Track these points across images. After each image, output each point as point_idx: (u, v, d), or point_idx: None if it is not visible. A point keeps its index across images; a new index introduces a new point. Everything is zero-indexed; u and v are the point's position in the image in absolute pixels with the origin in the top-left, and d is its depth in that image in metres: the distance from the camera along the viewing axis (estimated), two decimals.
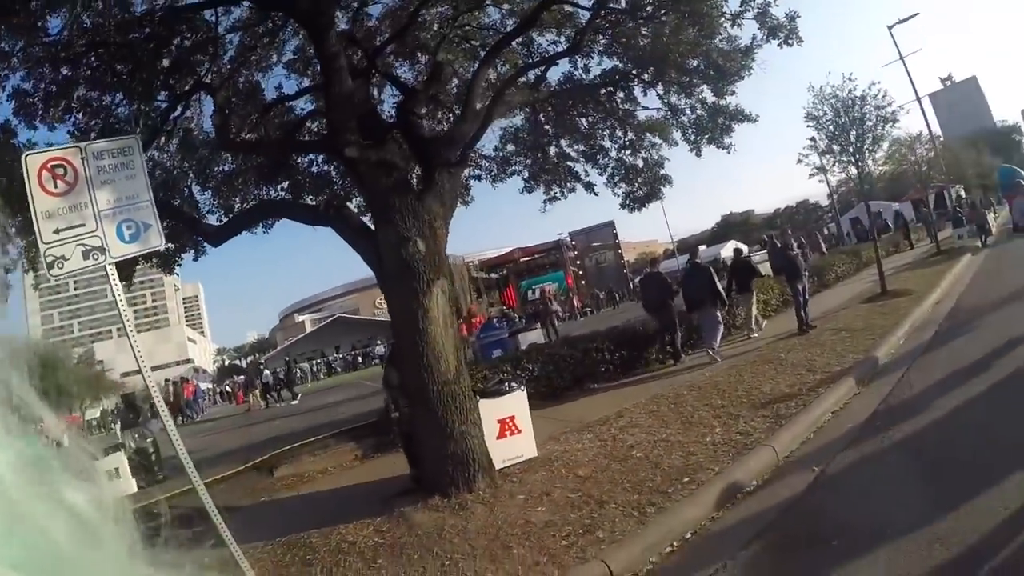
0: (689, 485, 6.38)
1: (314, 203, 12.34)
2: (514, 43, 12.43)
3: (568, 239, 63.27)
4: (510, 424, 8.43)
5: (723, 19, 10.87)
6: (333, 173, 13.02)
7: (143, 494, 12.56)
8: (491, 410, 8.38)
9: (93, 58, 10.00)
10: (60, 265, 5.14)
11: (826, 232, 58.97)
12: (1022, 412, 6.23)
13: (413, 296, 7.83)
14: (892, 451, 6.33)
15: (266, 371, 30.70)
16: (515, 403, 8.58)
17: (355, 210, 10.69)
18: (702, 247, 65.98)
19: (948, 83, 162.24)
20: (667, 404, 9.89)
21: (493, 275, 59.03)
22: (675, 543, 5.54)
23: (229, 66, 12.07)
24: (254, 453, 13.23)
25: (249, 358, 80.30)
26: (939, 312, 13.52)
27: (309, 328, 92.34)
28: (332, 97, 8.80)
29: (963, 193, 47.70)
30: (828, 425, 7.75)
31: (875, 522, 4.88)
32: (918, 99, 35.04)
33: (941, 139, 69.99)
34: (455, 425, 7.74)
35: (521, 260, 60.11)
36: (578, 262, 64.53)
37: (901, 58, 34.79)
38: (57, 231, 5.18)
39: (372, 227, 8.73)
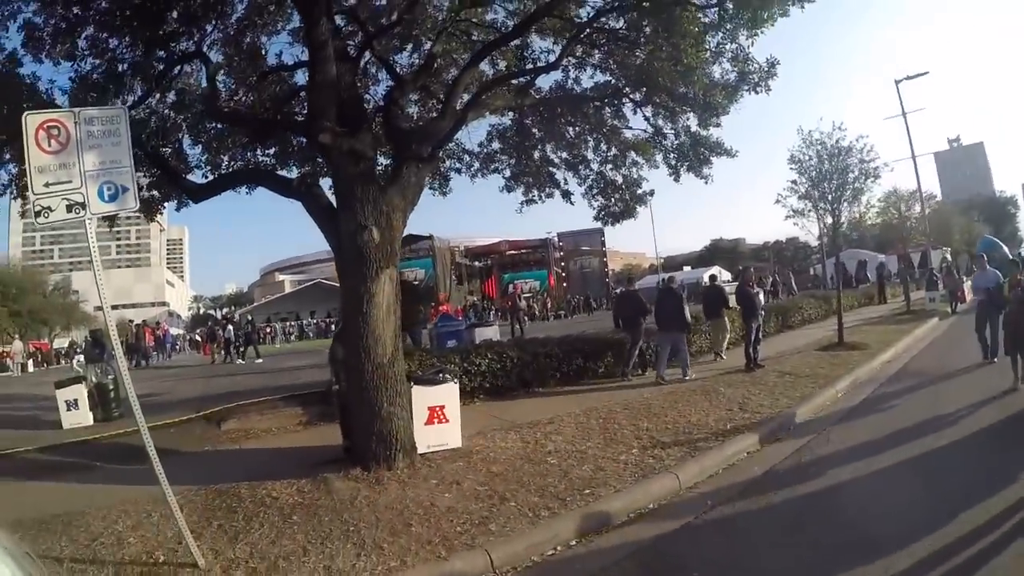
0: (588, 497, 6.70)
1: (291, 177, 12.57)
2: (512, 43, 12.68)
3: (556, 239, 63.67)
4: (439, 413, 8.79)
5: (705, 54, 11.08)
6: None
7: (98, 427, 13.06)
8: (423, 397, 8.77)
9: (103, 2, 10.31)
10: (46, 215, 5.72)
11: (812, 272, 59.50)
12: (913, 498, 6.40)
13: (362, 281, 8.23)
14: (782, 505, 6.57)
15: (229, 327, 30.92)
16: (446, 394, 8.94)
17: (328, 189, 10.92)
18: (686, 268, 66.55)
19: (956, 144, 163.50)
20: (597, 418, 10.23)
21: (478, 263, 59.45)
22: (558, 548, 5.87)
23: (235, 26, 12.33)
24: (208, 404, 13.59)
25: (224, 310, 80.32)
26: (885, 371, 13.79)
27: (288, 289, 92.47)
28: (315, 83, 9.15)
29: (949, 257, 48.08)
30: (738, 465, 8.00)
31: (740, 566, 5.24)
32: (913, 157, 35.47)
33: (937, 199, 70.64)
34: (384, 405, 8.20)
35: (507, 253, 60.57)
36: (563, 264, 64.95)
37: (903, 114, 35.11)
38: (47, 184, 5.73)
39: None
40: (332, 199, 9.54)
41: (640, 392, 12.29)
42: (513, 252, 60.71)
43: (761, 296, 16.65)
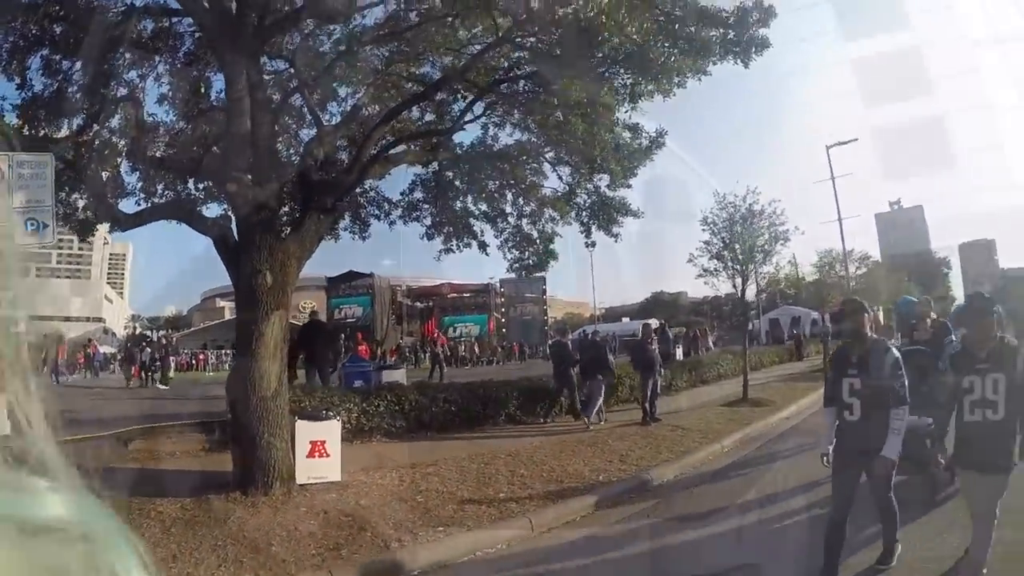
0: (439, 534, 7.26)
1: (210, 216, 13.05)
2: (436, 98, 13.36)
3: (498, 285, 64.07)
4: (320, 447, 9.27)
5: (587, 125, 11.85)
6: None
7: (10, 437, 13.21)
8: (306, 431, 9.26)
9: (58, 27, 10.96)
10: None
11: (751, 327, 60.66)
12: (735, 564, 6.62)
13: (254, 320, 8.80)
14: (602, 562, 7.03)
15: (147, 349, 30.97)
16: (328, 430, 9.44)
17: None
18: (625, 319, 67.46)
19: (896, 206, 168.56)
20: (479, 463, 10.62)
21: (419, 304, 59.52)
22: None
23: (182, 60, 12.87)
24: (121, 424, 13.81)
25: (160, 332, 78.88)
26: (778, 428, 14.35)
27: (228, 316, 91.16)
28: (230, 133, 9.71)
29: (881, 315, 49.19)
30: (594, 516, 8.50)
31: None
32: (839, 220, 36.70)
33: (873, 259, 72.52)
34: (264, 435, 8.75)
35: (449, 296, 60.56)
36: (503, 309, 65.19)
37: (832, 179, 36.40)
38: None
39: None
40: None
41: (530, 441, 12.69)
42: (455, 295, 60.71)
43: (679, 351, 17.31)
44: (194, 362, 55.75)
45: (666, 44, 9.56)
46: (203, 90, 13.51)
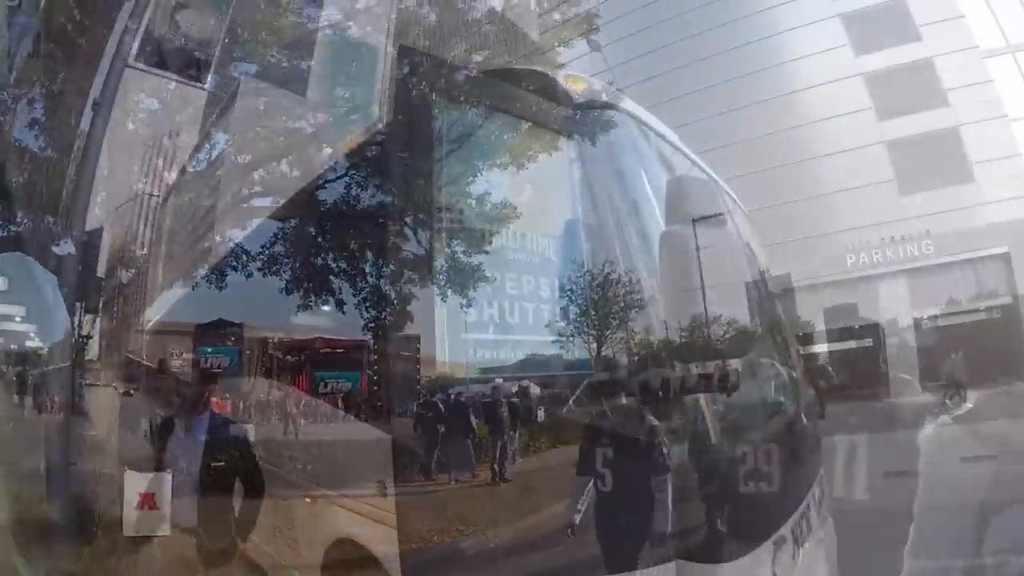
0: None
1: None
2: None
3: (372, 342, 63.56)
4: (149, 500, 9.07)
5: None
6: None
7: None
8: (136, 482, 9.02)
9: None
10: None
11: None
12: None
13: (89, 365, 8.62)
14: None
15: None
16: (159, 483, 9.25)
17: None
18: (498, 380, 67.90)
19: (765, 273, 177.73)
20: (313, 522, 10.35)
21: (290, 358, 58.41)
22: None
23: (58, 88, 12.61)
24: None
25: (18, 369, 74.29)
26: None
27: None
28: (84, 173, 9.62)
29: None
30: None
31: None
32: (703, 288, 38.48)
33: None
34: (90, 484, 8.45)
35: (322, 351, 59.67)
36: (376, 367, 64.66)
37: (697, 249, 38.20)
38: None
39: None
40: None
41: (378, 500, 12.61)
42: (328, 350, 59.89)
43: (542, 412, 17.54)
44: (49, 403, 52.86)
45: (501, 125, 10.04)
46: (73, 122, 13.25)
